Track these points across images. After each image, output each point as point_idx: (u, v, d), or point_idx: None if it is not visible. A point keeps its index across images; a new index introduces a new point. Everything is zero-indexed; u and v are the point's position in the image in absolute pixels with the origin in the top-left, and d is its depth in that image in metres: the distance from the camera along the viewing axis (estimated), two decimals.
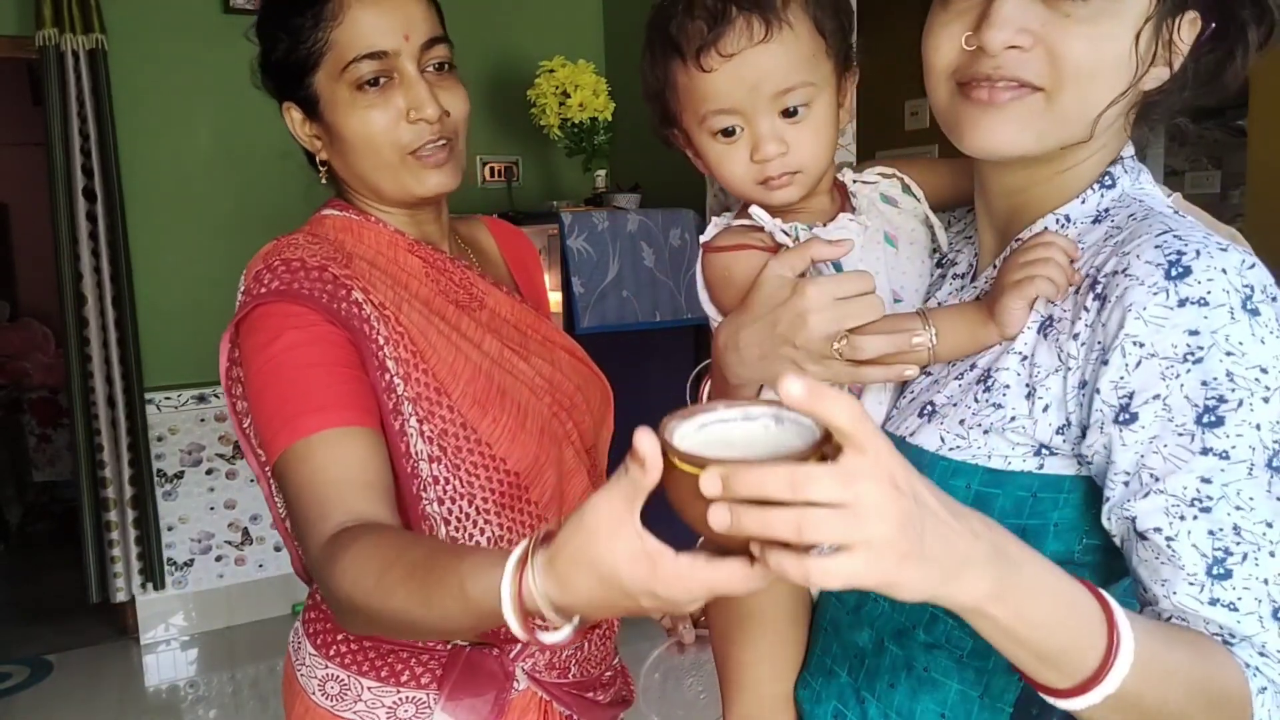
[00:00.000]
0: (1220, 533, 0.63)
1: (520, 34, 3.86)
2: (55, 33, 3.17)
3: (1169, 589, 0.64)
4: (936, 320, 0.76)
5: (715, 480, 0.50)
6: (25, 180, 5.74)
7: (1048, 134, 0.71)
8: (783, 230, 0.83)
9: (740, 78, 0.79)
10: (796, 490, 0.48)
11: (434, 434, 0.98)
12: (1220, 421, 0.62)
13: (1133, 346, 0.64)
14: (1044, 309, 0.72)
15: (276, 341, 0.94)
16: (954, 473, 0.73)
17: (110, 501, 3.41)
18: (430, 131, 1.01)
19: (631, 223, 3.25)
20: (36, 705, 3.16)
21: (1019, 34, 0.68)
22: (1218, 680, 0.62)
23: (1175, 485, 0.64)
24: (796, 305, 0.76)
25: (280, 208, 3.54)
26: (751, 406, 0.57)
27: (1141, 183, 0.76)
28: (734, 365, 0.82)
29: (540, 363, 1.11)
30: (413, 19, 1.00)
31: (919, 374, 0.79)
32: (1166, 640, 0.61)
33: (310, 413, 0.91)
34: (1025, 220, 0.77)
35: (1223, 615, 0.63)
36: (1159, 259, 0.64)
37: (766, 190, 0.84)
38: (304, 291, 0.95)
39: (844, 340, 0.75)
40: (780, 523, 0.49)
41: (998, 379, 0.73)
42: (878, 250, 0.86)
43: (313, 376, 0.93)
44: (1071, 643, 0.57)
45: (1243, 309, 0.62)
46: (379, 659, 1.04)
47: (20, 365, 5.23)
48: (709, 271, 0.87)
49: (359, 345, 0.96)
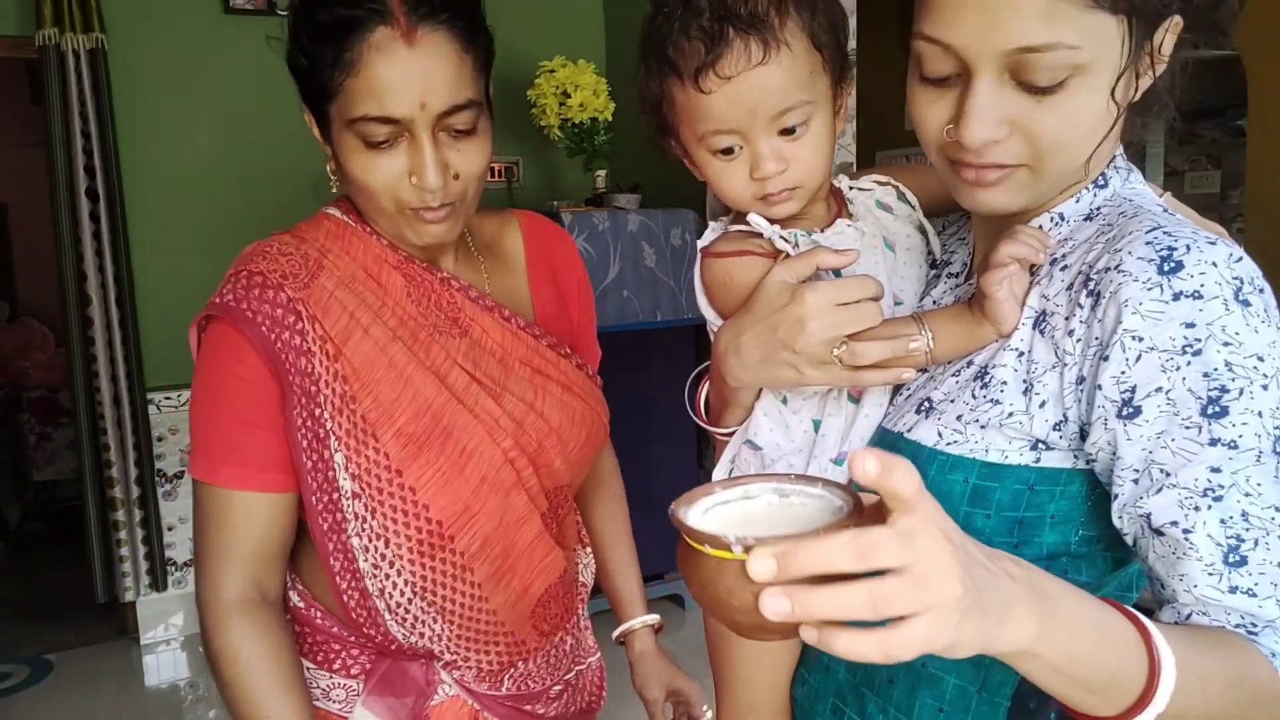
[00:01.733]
0: (1231, 520, 0.64)
1: (520, 34, 3.86)
2: (55, 32, 3.17)
3: (1189, 583, 0.65)
4: (932, 323, 0.77)
5: (768, 561, 0.46)
6: (25, 180, 5.75)
7: (1041, 193, 0.74)
8: (781, 237, 0.84)
9: (738, 99, 0.78)
10: (865, 559, 0.46)
11: (358, 471, 0.98)
12: (1225, 411, 0.63)
13: (1132, 341, 0.65)
14: (1038, 304, 0.73)
15: (216, 375, 0.99)
16: (952, 466, 0.74)
17: (117, 501, 3.41)
18: (432, 198, 0.96)
19: (632, 223, 3.25)
20: (36, 705, 3.16)
21: (996, 127, 0.69)
22: (1251, 676, 0.63)
23: (1187, 478, 0.64)
24: (795, 311, 0.77)
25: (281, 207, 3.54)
26: (750, 484, 0.55)
27: (1132, 182, 0.77)
28: (734, 369, 0.83)
29: (514, 401, 1.06)
30: (433, 85, 0.91)
31: (916, 376, 0.79)
32: (1198, 647, 0.62)
33: (239, 464, 0.98)
34: (1021, 220, 0.78)
35: (1244, 602, 0.64)
36: (1151, 254, 0.65)
37: (766, 205, 0.84)
38: (247, 314, 0.96)
39: (843, 346, 0.76)
40: (857, 601, 0.46)
41: (995, 375, 0.74)
42: (877, 255, 0.87)
43: (242, 431, 0.98)
44: (1117, 670, 0.57)
45: (1235, 300, 0.64)
46: (316, 646, 1.08)
47: (20, 365, 5.23)
48: (708, 276, 0.88)
49: (283, 383, 0.97)
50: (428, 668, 1.07)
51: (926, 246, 0.91)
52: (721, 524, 0.51)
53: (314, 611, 1.08)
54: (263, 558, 0.99)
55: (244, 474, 0.98)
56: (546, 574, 1.09)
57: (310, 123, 1.02)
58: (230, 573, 0.98)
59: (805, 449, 0.86)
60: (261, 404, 0.98)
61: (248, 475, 0.98)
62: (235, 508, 0.98)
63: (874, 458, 0.47)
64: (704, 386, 0.95)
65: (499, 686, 1.10)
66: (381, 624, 1.03)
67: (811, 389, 0.84)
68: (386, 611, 1.02)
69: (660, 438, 3.32)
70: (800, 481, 0.55)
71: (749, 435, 0.88)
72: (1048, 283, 0.73)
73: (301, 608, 1.09)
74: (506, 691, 1.11)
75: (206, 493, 0.99)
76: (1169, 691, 0.57)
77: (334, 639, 1.07)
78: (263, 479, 0.98)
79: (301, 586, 1.09)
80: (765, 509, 0.54)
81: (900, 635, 0.47)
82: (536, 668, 1.13)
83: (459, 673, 1.08)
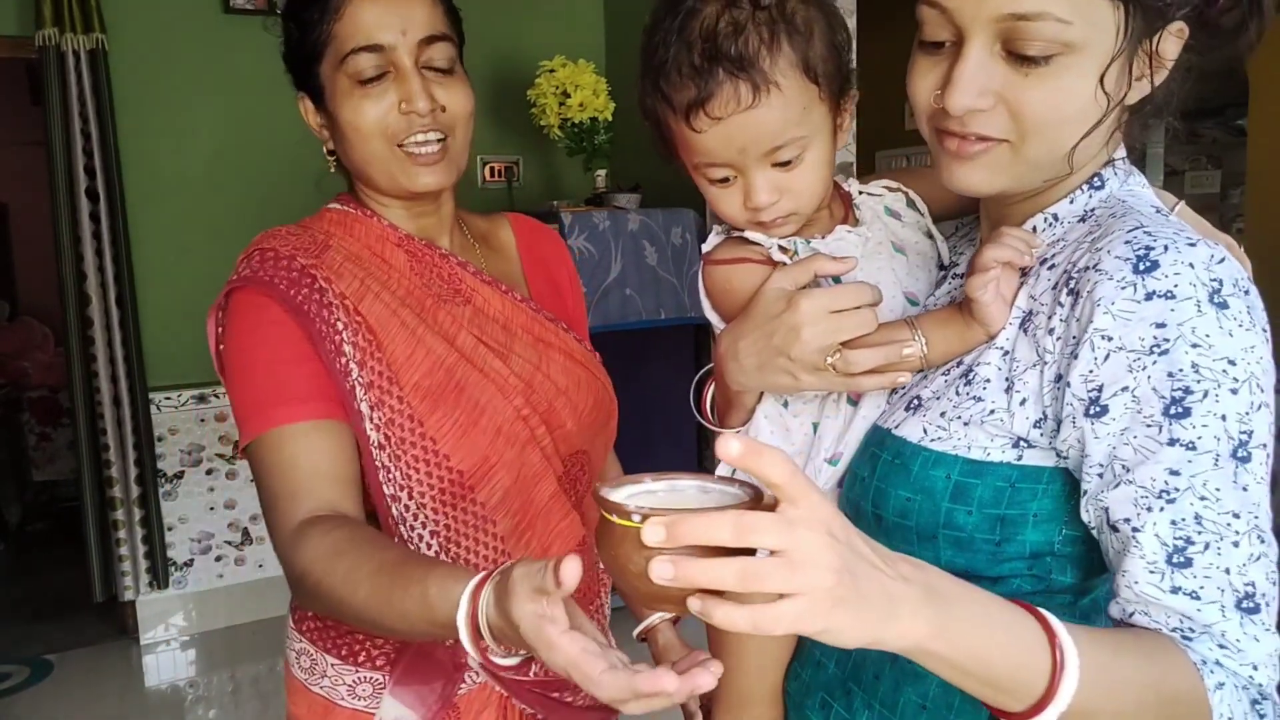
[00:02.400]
0: (1182, 522, 0.64)
1: (520, 34, 3.86)
2: (55, 32, 3.17)
3: (1130, 579, 0.66)
4: (925, 328, 0.77)
5: (658, 529, 0.51)
6: (24, 180, 5.75)
7: (1022, 177, 0.74)
8: (780, 246, 0.84)
9: (730, 139, 0.78)
10: (742, 535, 0.50)
11: (381, 422, 1.00)
12: (1187, 413, 0.63)
13: (1101, 340, 0.66)
14: (1025, 304, 0.74)
15: (247, 332, 1.01)
16: (934, 463, 0.74)
17: (116, 501, 3.41)
18: (420, 124, 1.03)
19: (633, 222, 3.25)
20: (36, 705, 3.16)
21: (979, 97, 0.70)
22: (1170, 681, 0.63)
23: (1144, 476, 0.65)
24: (791, 318, 0.78)
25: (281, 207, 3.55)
26: (678, 479, 0.60)
27: (1131, 185, 0.77)
28: (734, 373, 0.84)
29: (521, 362, 1.10)
30: (412, 16, 1.02)
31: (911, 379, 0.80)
32: (1115, 649, 0.62)
33: (283, 403, 0.97)
34: (1017, 220, 0.79)
35: (1184, 603, 0.64)
36: (1128, 254, 0.66)
37: (764, 229, 0.85)
38: (266, 278, 1.00)
39: (837, 354, 0.76)
40: (728, 572, 0.50)
41: (979, 373, 0.75)
42: (884, 259, 0.87)
43: (282, 370, 0.99)
44: (1017, 667, 0.59)
45: (1209, 302, 0.64)
46: (339, 638, 1.08)
47: (20, 365, 5.23)
48: (709, 282, 0.89)
49: (312, 334, 0.99)
50: (454, 650, 1.05)
51: (936, 252, 0.91)
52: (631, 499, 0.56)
53: None
54: (328, 480, 0.96)
55: (292, 409, 0.97)
56: (564, 538, 1.10)
57: (306, 110, 1.10)
58: (294, 506, 0.94)
59: (805, 450, 0.87)
60: (296, 346, 0.99)
61: (295, 409, 0.97)
62: (289, 444, 0.96)
63: (738, 440, 0.51)
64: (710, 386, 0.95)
65: (525, 671, 1.10)
66: None
67: (811, 393, 0.85)
68: None
69: (662, 435, 3.32)
70: (725, 482, 0.60)
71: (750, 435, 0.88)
72: (1035, 282, 0.74)
73: None
74: (533, 677, 1.09)
75: (261, 449, 0.97)
76: (1071, 690, 0.58)
77: (357, 629, 1.06)
78: (311, 408, 0.98)
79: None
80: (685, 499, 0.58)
81: (770, 611, 0.51)
82: None
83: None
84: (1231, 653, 0.64)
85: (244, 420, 0.99)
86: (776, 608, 0.51)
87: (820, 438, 0.85)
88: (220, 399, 3.58)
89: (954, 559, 0.74)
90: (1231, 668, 0.64)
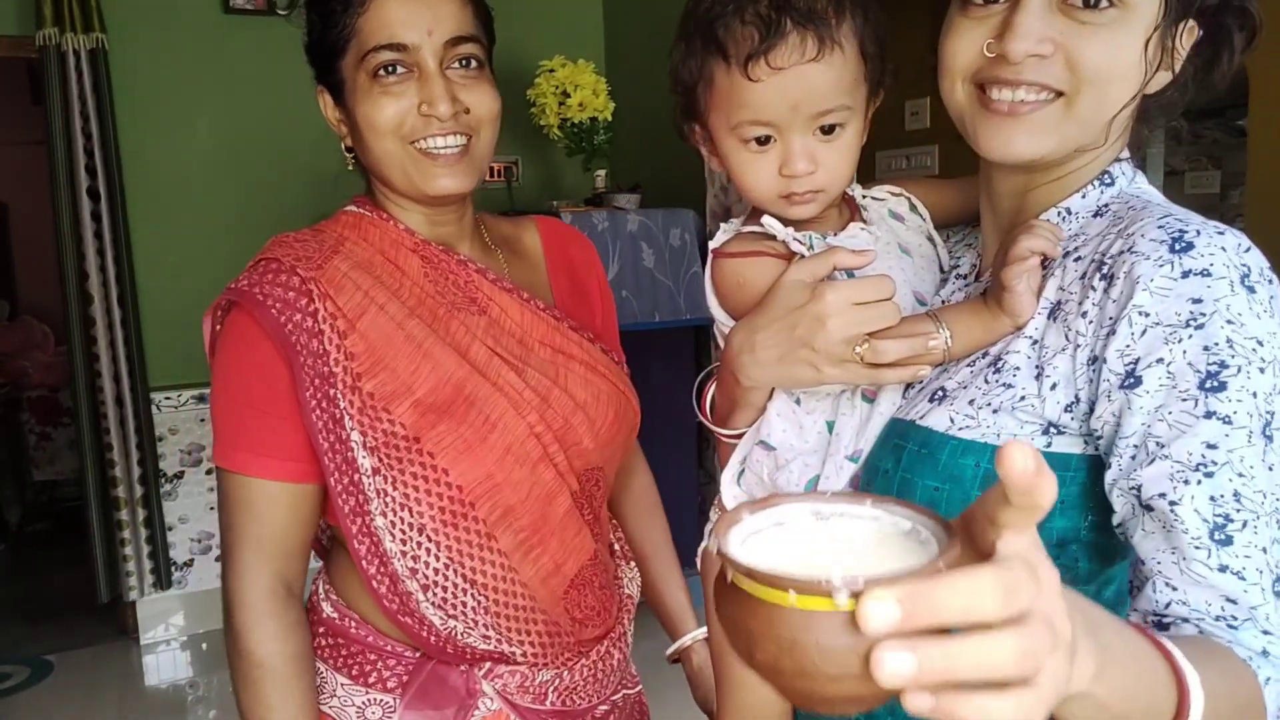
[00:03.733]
0: (1221, 499, 0.63)
1: (520, 34, 3.85)
2: (55, 32, 3.17)
3: (1177, 556, 0.64)
4: (949, 320, 0.77)
5: (890, 607, 0.36)
6: (25, 180, 5.75)
7: (1067, 138, 0.74)
8: (796, 239, 0.84)
9: (785, 92, 0.78)
10: (1010, 602, 0.37)
11: (375, 445, 0.98)
12: (1223, 386, 0.64)
13: (1139, 316, 0.66)
14: (1053, 295, 0.74)
15: (227, 357, 1.01)
16: (963, 451, 0.74)
17: (120, 501, 3.41)
18: (440, 127, 1.00)
19: (631, 223, 3.25)
20: (36, 705, 3.16)
21: (1040, 43, 0.71)
22: (1243, 686, 0.61)
23: (1180, 450, 0.64)
24: (815, 309, 0.77)
25: (281, 206, 3.55)
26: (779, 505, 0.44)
27: (1138, 183, 0.79)
28: (749, 367, 0.83)
29: (538, 377, 1.06)
30: (439, 15, 1.00)
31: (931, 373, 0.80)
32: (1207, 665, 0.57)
33: (262, 455, 0.99)
34: (1027, 216, 0.79)
35: (1230, 583, 0.63)
36: (1163, 236, 0.67)
37: (787, 204, 0.84)
38: (260, 298, 0.98)
39: (865, 345, 0.76)
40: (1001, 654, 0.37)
41: (1008, 361, 0.74)
42: (893, 259, 0.87)
43: (263, 420, 0.99)
44: (1150, 702, 0.52)
45: (1241, 284, 0.65)
46: (350, 658, 1.06)
47: (20, 364, 5.23)
48: (719, 276, 0.88)
49: (294, 366, 0.97)
50: (468, 675, 1.04)
51: (937, 255, 0.91)
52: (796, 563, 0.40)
53: (349, 621, 1.06)
54: (287, 550, 1.00)
55: (266, 463, 0.99)
56: (577, 555, 1.08)
57: (325, 105, 1.07)
58: (259, 565, 0.99)
59: (820, 449, 0.86)
60: (276, 392, 0.98)
61: (269, 465, 0.99)
62: (258, 495, 0.99)
63: (1029, 449, 0.38)
64: (710, 388, 0.95)
65: (543, 700, 1.07)
66: (416, 609, 1.00)
67: (826, 389, 0.84)
68: (420, 592, 1.00)
69: (660, 438, 3.30)
70: (838, 500, 0.45)
71: (762, 436, 0.88)
72: (1061, 274, 0.74)
73: (335, 618, 1.07)
74: (550, 706, 1.08)
75: (230, 480, 1.00)
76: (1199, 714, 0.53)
77: (369, 649, 1.05)
78: (283, 469, 0.99)
79: (335, 596, 1.08)
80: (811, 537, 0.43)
81: (1037, 693, 0.38)
82: (582, 680, 1.10)
83: (500, 681, 1.05)
84: (1276, 639, 0.63)
85: (220, 442, 1.01)
86: (1041, 684, 0.38)
87: (838, 435, 0.84)
88: None
89: None
90: (1276, 654, 0.62)
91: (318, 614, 1.08)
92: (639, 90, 3.70)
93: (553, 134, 3.50)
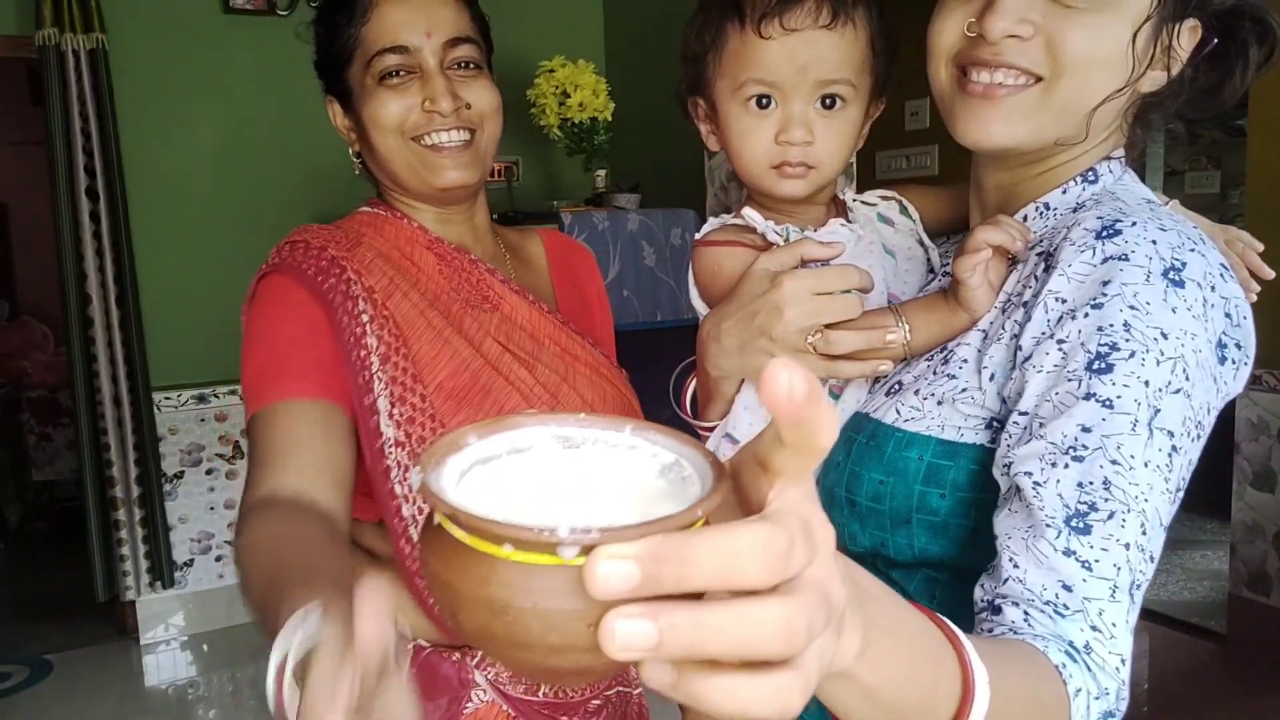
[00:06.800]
0: (1089, 486, 0.61)
1: (520, 34, 3.86)
2: (55, 32, 3.17)
3: (1029, 535, 0.61)
4: (909, 314, 0.78)
5: (627, 566, 0.29)
6: (25, 180, 5.75)
7: (1042, 128, 0.73)
8: (774, 231, 0.84)
9: (793, 54, 0.80)
10: (782, 565, 0.30)
11: (402, 419, 0.99)
12: (1109, 369, 0.62)
13: (1054, 302, 0.66)
14: (1011, 287, 0.74)
15: (262, 312, 1.00)
16: (908, 444, 0.74)
17: (118, 501, 3.42)
18: (442, 123, 1.04)
19: (632, 222, 3.25)
20: (36, 705, 3.16)
21: (1020, 24, 0.70)
22: (1045, 692, 0.56)
23: (1055, 431, 0.63)
24: (774, 298, 0.78)
25: (282, 206, 3.56)
26: (520, 427, 0.36)
27: (1125, 181, 0.77)
28: (715, 356, 0.83)
29: (548, 373, 1.09)
30: (437, 18, 1.05)
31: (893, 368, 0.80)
32: (1000, 661, 0.51)
33: (278, 382, 0.96)
34: (1012, 209, 0.79)
35: (1071, 570, 0.60)
36: (1096, 226, 0.67)
37: (778, 176, 0.85)
38: (294, 264, 1.00)
39: (818, 335, 0.76)
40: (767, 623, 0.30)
41: (956, 353, 0.75)
42: (874, 258, 0.87)
43: (286, 349, 0.98)
44: (930, 692, 0.45)
45: (1162, 275, 0.63)
46: None
47: (19, 364, 5.23)
48: (699, 265, 0.89)
49: (335, 321, 0.98)
50: (461, 665, 1.05)
51: (926, 258, 0.92)
52: (506, 500, 0.32)
53: None
54: (302, 464, 0.89)
55: (288, 386, 0.95)
56: None
57: (334, 114, 1.12)
58: (259, 482, 0.89)
59: None
60: (311, 328, 0.98)
61: (291, 386, 0.95)
62: (276, 419, 0.93)
63: (799, 372, 0.31)
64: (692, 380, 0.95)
65: (535, 691, 1.08)
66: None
67: None
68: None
69: None
70: (592, 424, 0.37)
71: (728, 429, 0.88)
72: (1022, 268, 0.74)
73: None
74: (543, 698, 1.08)
75: (253, 428, 0.95)
76: (981, 716, 0.47)
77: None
78: (306, 386, 0.95)
79: None
80: (553, 469, 0.35)
81: (800, 676, 0.32)
82: None
83: (493, 670, 1.06)
84: (1104, 638, 0.59)
85: (246, 400, 0.97)
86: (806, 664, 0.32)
87: None
88: (220, 399, 3.58)
89: (928, 545, 0.73)
90: (1100, 655, 0.59)
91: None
92: (639, 90, 3.70)
93: (553, 134, 3.50)
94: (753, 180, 0.87)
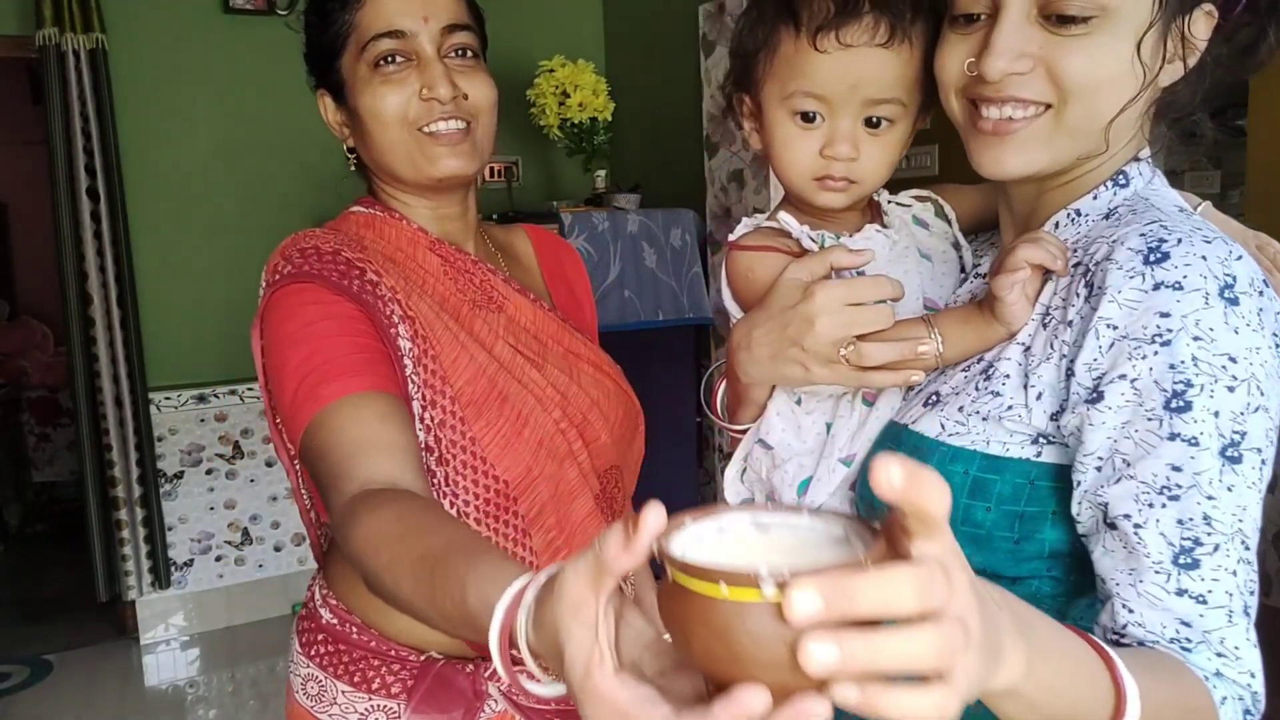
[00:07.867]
0: (1190, 522, 0.63)
1: (520, 34, 3.85)
2: (55, 32, 3.17)
3: (1135, 578, 0.64)
4: (942, 326, 0.77)
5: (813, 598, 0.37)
6: (24, 180, 5.74)
7: (1060, 151, 0.73)
8: (809, 236, 0.84)
9: (847, 70, 0.79)
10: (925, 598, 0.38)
11: (433, 423, 0.97)
12: (1188, 406, 0.63)
13: (1106, 329, 0.65)
14: (1048, 299, 0.73)
15: (293, 319, 0.95)
16: (953, 458, 0.74)
17: (119, 501, 3.41)
18: (441, 111, 1.01)
19: (632, 223, 3.25)
20: (36, 705, 3.16)
21: (1018, 60, 0.70)
22: (1194, 700, 0.61)
23: (1145, 471, 0.64)
24: (805, 308, 0.77)
25: (282, 206, 3.56)
26: (722, 516, 0.46)
27: (1155, 184, 0.77)
28: (746, 364, 0.83)
29: (556, 374, 1.07)
30: (434, 4, 1.02)
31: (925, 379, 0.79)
32: (1153, 674, 0.59)
33: (331, 380, 0.90)
34: (1042, 218, 0.79)
35: (1187, 608, 0.63)
36: (1140, 245, 0.66)
37: (819, 189, 0.84)
38: (315, 272, 0.96)
39: (850, 346, 0.76)
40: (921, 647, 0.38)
41: (999, 368, 0.74)
42: (909, 263, 0.86)
43: (331, 346, 0.92)
44: (1086, 704, 0.54)
45: (1219, 296, 0.63)
46: (352, 664, 1.04)
47: (19, 364, 5.23)
48: (732, 268, 0.88)
49: (375, 320, 0.96)
50: (474, 677, 1.03)
51: (960, 260, 0.91)
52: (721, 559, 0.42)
53: (349, 627, 1.05)
54: (380, 448, 0.85)
55: (341, 385, 0.89)
56: None
57: (325, 108, 1.08)
58: (345, 483, 0.83)
59: (817, 450, 0.85)
60: (347, 322, 0.93)
61: (344, 384, 0.90)
62: (336, 419, 0.87)
63: (899, 465, 0.39)
64: (721, 382, 0.95)
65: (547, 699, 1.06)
66: None
67: (826, 391, 0.84)
68: None
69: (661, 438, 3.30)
70: (780, 511, 0.47)
71: (761, 434, 0.88)
72: (1059, 279, 0.73)
73: (335, 624, 1.06)
74: (554, 707, 1.06)
75: (309, 438, 0.88)
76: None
77: (372, 654, 1.03)
78: (361, 382, 0.90)
79: (335, 600, 1.07)
80: (751, 542, 0.45)
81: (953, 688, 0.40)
82: None
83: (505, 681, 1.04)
84: (1230, 660, 0.63)
85: (290, 418, 0.90)
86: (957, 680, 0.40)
87: (834, 437, 0.84)
88: (220, 399, 3.58)
89: (972, 557, 0.71)
90: (1230, 676, 0.63)
91: (315, 620, 1.08)
92: (639, 90, 3.70)
93: (553, 134, 3.50)
94: (792, 188, 0.86)
